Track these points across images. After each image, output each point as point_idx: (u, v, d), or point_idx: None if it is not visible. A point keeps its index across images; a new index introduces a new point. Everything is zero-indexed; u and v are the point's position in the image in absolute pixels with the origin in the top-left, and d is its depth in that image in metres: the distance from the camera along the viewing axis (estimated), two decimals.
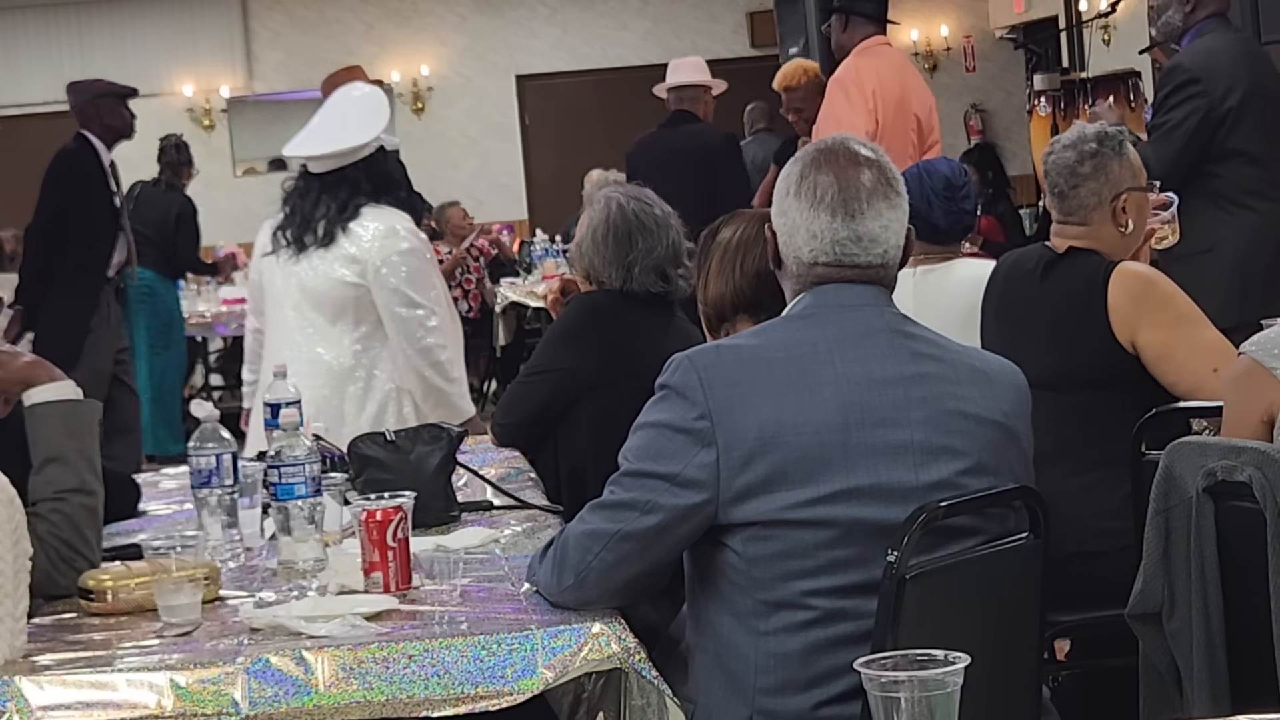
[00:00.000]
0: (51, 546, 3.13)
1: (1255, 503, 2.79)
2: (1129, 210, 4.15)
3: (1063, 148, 4.18)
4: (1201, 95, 5.73)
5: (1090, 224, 4.15)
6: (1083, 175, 4.14)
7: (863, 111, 6.64)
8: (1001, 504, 2.84)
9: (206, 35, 16.28)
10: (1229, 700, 2.89)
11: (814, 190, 2.85)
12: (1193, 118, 5.73)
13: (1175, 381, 3.95)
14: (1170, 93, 5.79)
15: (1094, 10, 12.46)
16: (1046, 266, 4.14)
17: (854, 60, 6.81)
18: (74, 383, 3.33)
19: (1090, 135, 4.18)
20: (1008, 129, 16.03)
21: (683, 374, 2.78)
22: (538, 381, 4.51)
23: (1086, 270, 4.05)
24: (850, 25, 6.87)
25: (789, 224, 2.89)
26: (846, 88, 6.72)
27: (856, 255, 2.86)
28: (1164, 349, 3.95)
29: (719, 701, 2.81)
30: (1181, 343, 3.96)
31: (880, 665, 1.88)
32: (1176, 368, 3.95)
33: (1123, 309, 3.97)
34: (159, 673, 2.69)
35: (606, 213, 4.49)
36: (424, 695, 2.70)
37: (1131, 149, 4.21)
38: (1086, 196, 4.15)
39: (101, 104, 8.64)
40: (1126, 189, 4.14)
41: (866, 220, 2.85)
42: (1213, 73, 5.77)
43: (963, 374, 2.85)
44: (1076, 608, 3.85)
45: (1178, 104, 5.76)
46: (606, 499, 2.83)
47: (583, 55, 16.40)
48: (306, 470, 3.31)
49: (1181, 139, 5.73)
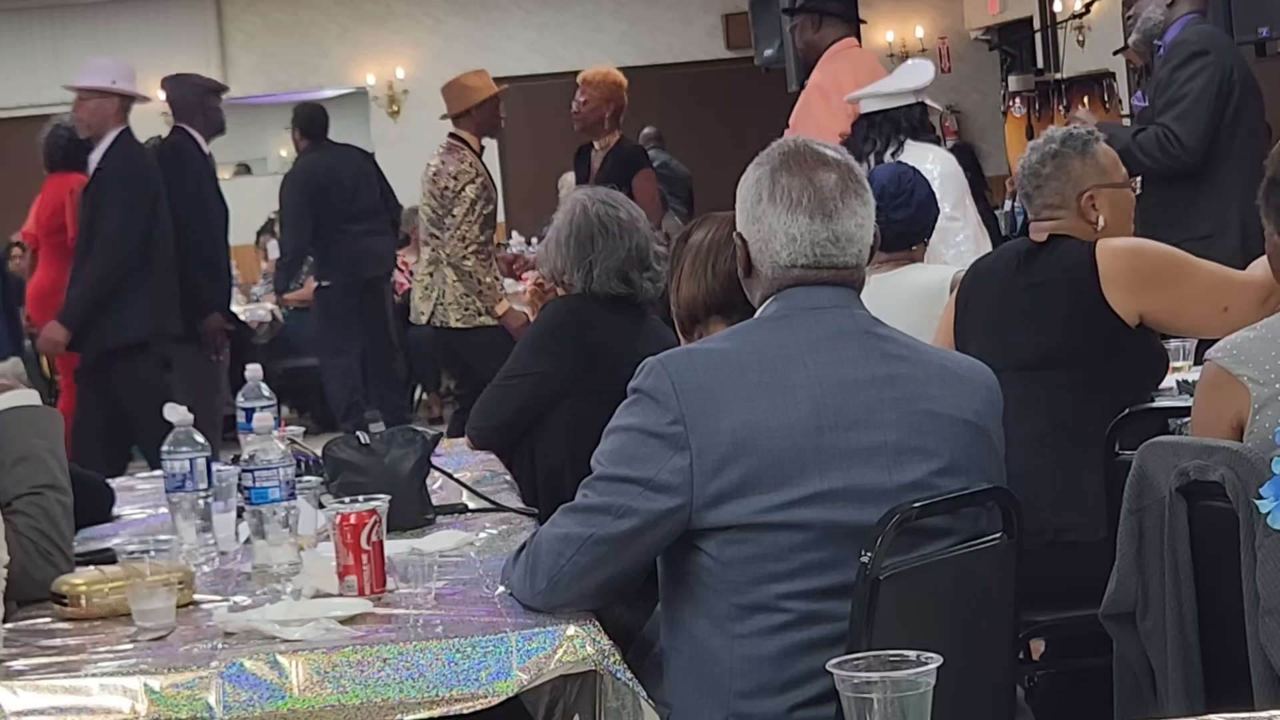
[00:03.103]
0: (29, 539, 3.13)
1: (1228, 502, 2.80)
2: (1099, 207, 4.16)
3: (1030, 150, 4.23)
4: (1214, 65, 5.74)
5: (1060, 220, 4.17)
6: (1045, 176, 4.19)
7: (841, 117, 6.63)
8: (974, 504, 2.85)
9: (181, 38, 16.25)
10: (1203, 699, 2.90)
11: (789, 193, 2.85)
12: (1211, 86, 5.74)
13: (1195, 331, 4.04)
14: (1181, 65, 5.77)
15: (1068, 11, 12.51)
16: (1028, 254, 4.17)
17: (830, 64, 6.79)
18: (36, 392, 3.34)
19: (1055, 136, 4.23)
20: (983, 130, 16.06)
21: (655, 378, 2.78)
22: (514, 385, 4.51)
23: (1070, 251, 4.09)
24: (823, 26, 6.85)
25: (764, 230, 2.88)
26: (826, 93, 6.70)
27: (835, 256, 2.86)
28: (1174, 309, 4.03)
29: (694, 705, 2.82)
30: (1187, 296, 4.03)
31: (853, 666, 1.88)
32: (1190, 321, 4.07)
33: (1121, 278, 4.00)
34: (133, 677, 2.68)
35: (570, 215, 4.52)
36: (399, 698, 2.70)
37: (1101, 147, 4.23)
38: (1050, 196, 4.18)
39: (206, 100, 8.62)
40: (1093, 186, 4.16)
41: (843, 219, 2.86)
42: (1218, 43, 5.79)
43: (933, 374, 2.86)
44: (1052, 608, 3.86)
45: (1193, 75, 5.74)
46: (579, 503, 2.83)
47: (558, 58, 16.38)
48: (281, 474, 3.31)
49: (1207, 107, 5.74)
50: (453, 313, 8.10)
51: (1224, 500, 2.81)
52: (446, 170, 8.18)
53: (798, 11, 6.90)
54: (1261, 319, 3.15)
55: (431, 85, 10.56)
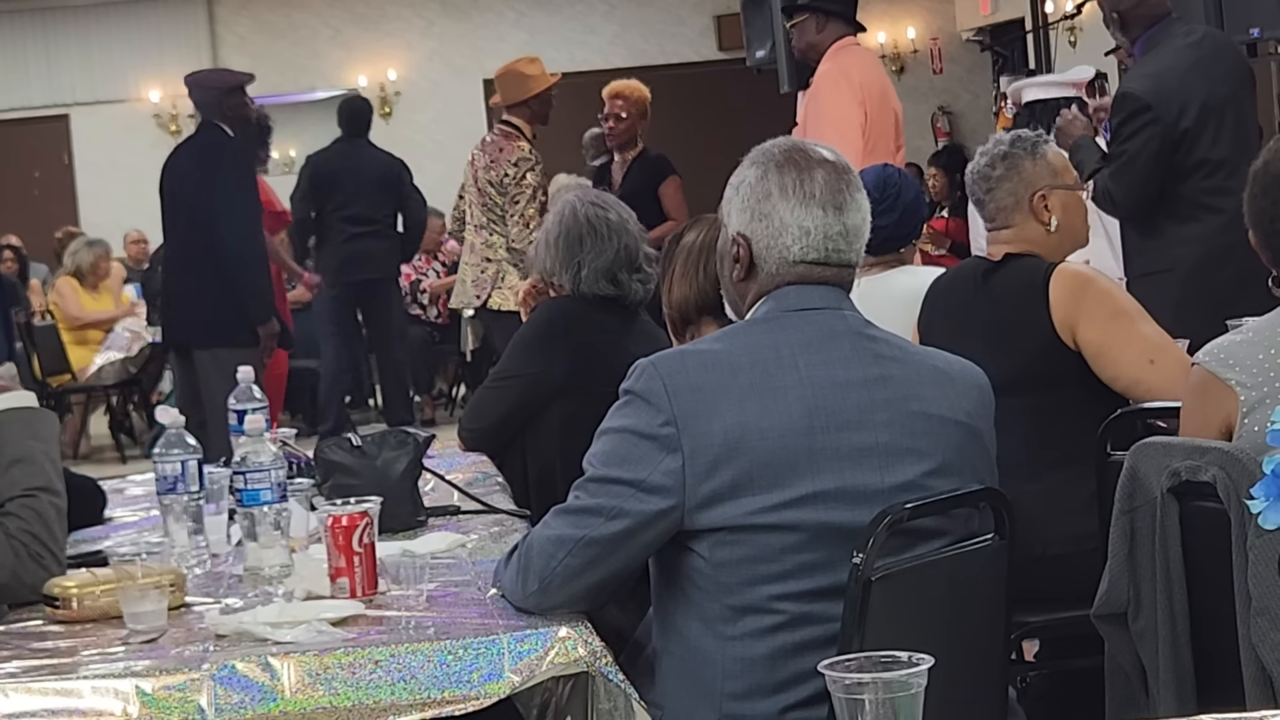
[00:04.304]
0: (20, 543, 3.13)
1: (1219, 503, 2.80)
2: (1052, 208, 4.16)
3: (978, 155, 4.22)
4: (1155, 122, 5.70)
5: (1014, 225, 4.16)
6: (996, 178, 4.17)
7: (853, 102, 6.63)
8: (967, 505, 2.85)
9: (173, 41, 16.26)
10: (1194, 700, 2.90)
11: (801, 187, 2.85)
12: (1150, 145, 5.70)
13: (1114, 377, 3.96)
14: (1123, 122, 5.77)
15: (1060, 12, 12.51)
16: (985, 274, 4.15)
17: (837, 56, 6.76)
18: (33, 394, 3.34)
19: (1004, 139, 4.22)
20: (975, 131, 16.06)
21: (647, 380, 2.78)
22: (505, 387, 4.51)
23: (1026, 272, 4.07)
24: (827, 26, 6.83)
25: (773, 226, 2.86)
26: (835, 80, 6.68)
27: (843, 251, 2.87)
28: (1101, 344, 3.96)
29: (686, 706, 2.81)
30: (1118, 337, 3.96)
31: (844, 667, 1.88)
32: (1113, 362, 3.96)
33: (1063, 307, 3.98)
34: (124, 680, 2.68)
35: (560, 216, 4.54)
36: (390, 700, 2.70)
37: (1050, 149, 4.22)
38: (1003, 198, 4.17)
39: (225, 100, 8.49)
40: (1045, 186, 4.16)
41: (851, 213, 2.87)
42: (1163, 95, 5.72)
43: (925, 375, 2.86)
44: (1044, 610, 3.86)
45: (1132, 134, 5.73)
46: (571, 504, 2.83)
47: (549, 59, 16.25)
48: (272, 476, 3.31)
49: (1143, 168, 5.72)
50: (511, 297, 8.01)
51: (1215, 501, 2.81)
52: (505, 159, 8.14)
53: (801, 10, 6.88)
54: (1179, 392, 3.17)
55: (423, 87, 10.58)
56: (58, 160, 16.17)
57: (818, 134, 6.45)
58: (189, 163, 8.22)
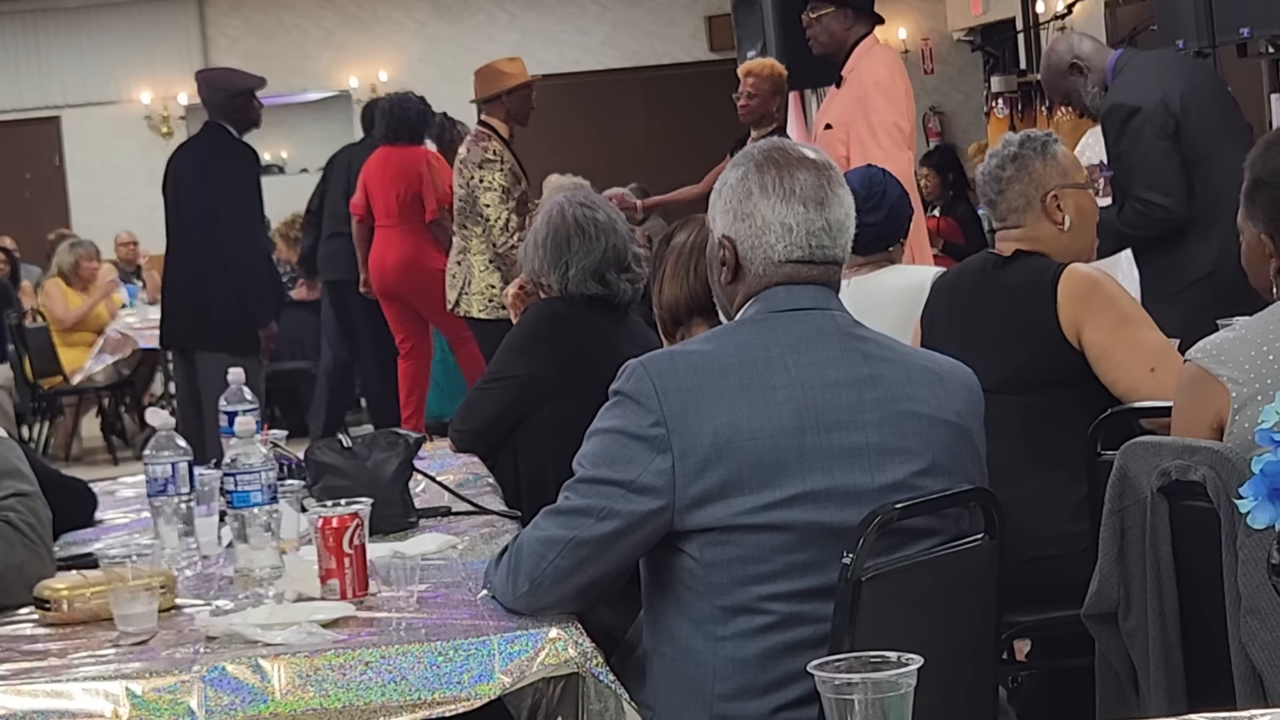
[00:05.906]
0: (21, 531, 3.15)
1: (1209, 502, 2.80)
2: (1065, 208, 4.15)
3: (988, 157, 4.22)
4: (1148, 119, 5.63)
5: (1025, 225, 4.16)
6: (1007, 179, 4.16)
7: (904, 110, 6.67)
8: (957, 505, 2.85)
9: (164, 42, 16.25)
10: (1184, 699, 2.91)
11: (780, 184, 2.85)
12: (1157, 142, 5.60)
13: (1114, 380, 3.96)
14: (1119, 132, 5.70)
15: (1051, 12, 12.52)
16: (993, 270, 4.15)
17: (873, 60, 6.70)
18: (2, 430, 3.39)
19: (1013, 140, 4.21)
20: (966, 131, 16.07)
21: (637, 380, 2.78)
22: (497, 388, 4.51)
23: (1035, 271, 4.07)
24: (855, 21, 6.81)
25: (755, 225, 2.87)
26: (884, 88, 6.63)
27: (828, 247, 2.87)
28: (1105, 348, 3.96)
29: (677, 707, 2.81)
30: (1122, 342, 3.96)
31: (834, 668, 1.88)
32: (1115, 366, 3.96)
33: (1070, 308, 3.98)
34: (115, 682, 2.68)
35: (548, 217, 4.54)
36: (381, 702, 2.70)
37: (1060, 149, 4.22)
38: (1014, 199, 4.16)
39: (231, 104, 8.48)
40: (1055, 186, 4.15)
41: (833, 208, 2.87)
42: (1143, 94, 5.68)
43: (914, 375, 2.86)
44: (1035, 609, 3.86)
45: (1136, 137, 5.61)
46: (561, 505, 2.83)
47: (541, 60, 16.33)
48: (263, 477, 3.30)
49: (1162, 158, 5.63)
50: (476, 303, 8.07)
51: (1205, 500, 2.81)
52: (470, 160, 8.15)
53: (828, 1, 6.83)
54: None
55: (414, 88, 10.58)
56: (49, 162, 16.16)
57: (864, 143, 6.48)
58: (191, 162, 8.22)
